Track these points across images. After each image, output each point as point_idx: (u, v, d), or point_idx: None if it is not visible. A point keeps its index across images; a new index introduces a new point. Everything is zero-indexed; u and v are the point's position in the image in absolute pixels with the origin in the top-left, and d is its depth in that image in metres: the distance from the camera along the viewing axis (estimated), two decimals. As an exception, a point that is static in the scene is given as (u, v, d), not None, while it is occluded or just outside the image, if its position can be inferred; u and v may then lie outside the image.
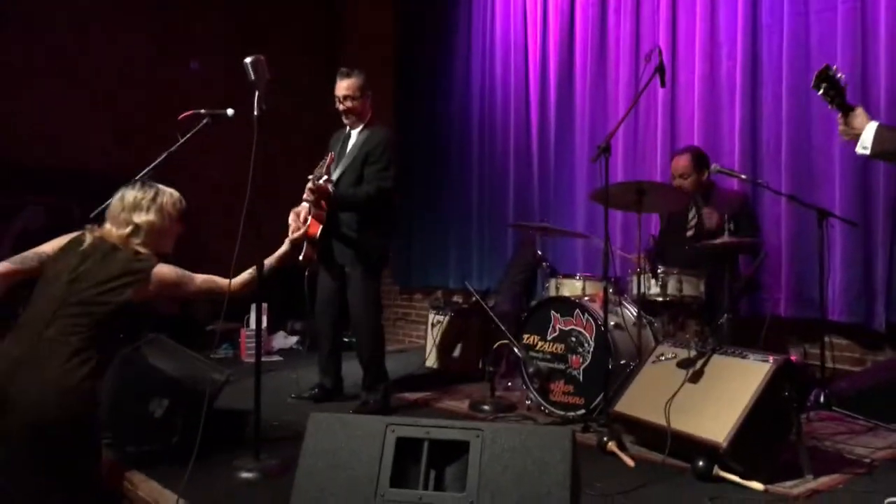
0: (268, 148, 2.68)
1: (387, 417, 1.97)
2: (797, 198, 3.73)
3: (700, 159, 3.95)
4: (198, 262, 2.65)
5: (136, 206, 2.44)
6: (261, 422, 2.77)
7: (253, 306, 4.92)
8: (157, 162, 3.14)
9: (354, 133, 3.84)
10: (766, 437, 2.67)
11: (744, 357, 2.85)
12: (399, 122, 6.19)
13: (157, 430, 2.84)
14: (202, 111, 3.21)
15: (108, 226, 2.44)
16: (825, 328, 3.65)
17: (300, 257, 3.59)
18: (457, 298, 5.66)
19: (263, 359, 2.78)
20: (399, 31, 6.40)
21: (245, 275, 2.66)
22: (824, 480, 2.63)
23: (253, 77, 2.65)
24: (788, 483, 2.59)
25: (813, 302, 3.74)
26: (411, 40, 6.27)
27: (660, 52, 3.56)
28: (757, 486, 2.53)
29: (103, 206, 2.57)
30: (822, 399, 3.46)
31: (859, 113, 2.35)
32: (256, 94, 2.67)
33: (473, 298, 4.62)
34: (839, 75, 2.35)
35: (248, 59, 2.66)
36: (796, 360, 2.83)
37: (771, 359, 2.74)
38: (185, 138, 3.16)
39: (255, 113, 2.68)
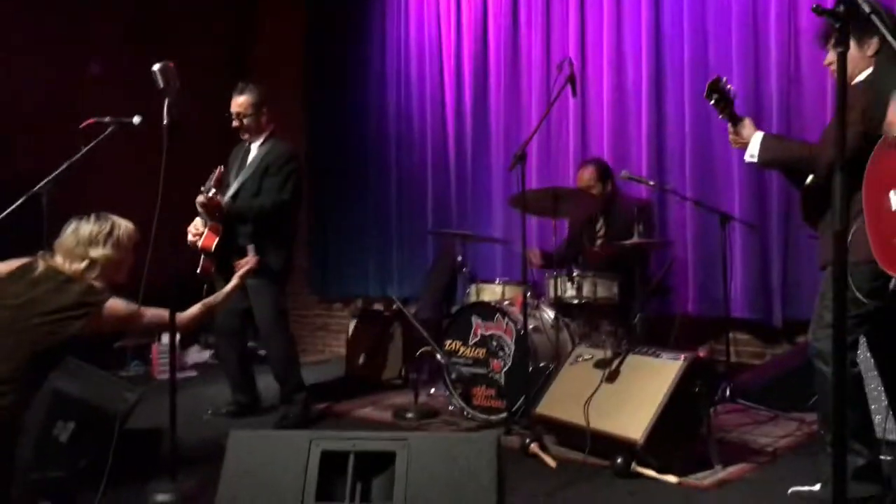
0: (176, 157, 2.57)
1: (310, 432, 1.94)
2: (701, 202, 3.93)
3: (604, 171, 4.10)
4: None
5: (91, 241, 2.36)
6: (177, 441, 2.66)
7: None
8: (57, 172, 2.98)
9: (255, 146, 3.79)
10: (679, 431, 2.80)
11: (657, 356, 2.97)
12: (312, 130, 6.10)
13: (63, 455, 2.68)
14: (106, 119, 3.07)
15: (59, 258, 2.34)
16: (729, 325, 3.87)
17: (197, 271, 3.52)
18: (378, 306, 5.63)
19: (178, 375, 2.68)
20: (311, 39, 6.29)
21: (194, 310, 2.65)
22: (732, 470, 2.78)
23: (162, 84, 2.55)
24: (700, 475, 2.72)
25: (717, 301, 3.94)
26: (323, 49, 6.17)
27: (571, 63, 3.65)
28: (671, 479, 2.64)
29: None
30: (727, 392, 3.66)
31: (747, 123, 2.49)
32: (166, 102, 2.56)
33: (395, 306, 4.61)
34: (729, 87, 2.48)
35: (156, 66, 2.54)
36: (705, 357, 2.98)
37: (682, 357, 2.87)
38: (88, 147, 3.00)
39: (165, 121, 2.57)
